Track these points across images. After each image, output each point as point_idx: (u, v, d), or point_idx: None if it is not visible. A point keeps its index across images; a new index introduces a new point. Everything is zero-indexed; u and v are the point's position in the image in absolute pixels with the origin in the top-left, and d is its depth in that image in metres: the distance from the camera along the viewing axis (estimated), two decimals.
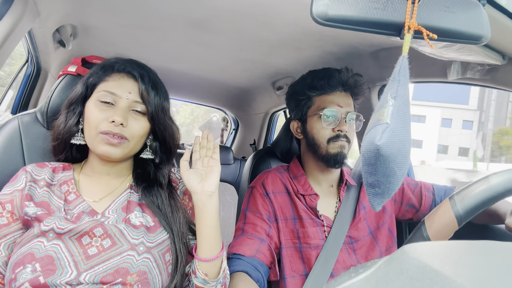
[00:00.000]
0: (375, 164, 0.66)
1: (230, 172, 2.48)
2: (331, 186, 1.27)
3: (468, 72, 1.23)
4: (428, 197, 1.30)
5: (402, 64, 0.68)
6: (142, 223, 0.90)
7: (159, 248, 0.88)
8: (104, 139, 0.87)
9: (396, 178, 0.68)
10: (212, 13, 1.31)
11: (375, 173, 0.68)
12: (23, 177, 0.90)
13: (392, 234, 1.27)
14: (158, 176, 1.00)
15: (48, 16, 1.30)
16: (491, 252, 0.35)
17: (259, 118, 2.81)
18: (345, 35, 1.38)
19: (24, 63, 1.97)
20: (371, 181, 0.70)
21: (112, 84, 0.92)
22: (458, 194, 0.89)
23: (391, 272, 0.32)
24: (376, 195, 0.71)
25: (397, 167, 0.66)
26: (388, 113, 0.65)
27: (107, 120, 0.88)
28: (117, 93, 0.90)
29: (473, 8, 0.71)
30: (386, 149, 0.64)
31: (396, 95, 0.66)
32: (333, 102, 1.19)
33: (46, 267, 0.77)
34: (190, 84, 2.49)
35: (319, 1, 0.63)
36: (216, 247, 0.90)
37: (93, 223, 0.85)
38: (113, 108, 0.90)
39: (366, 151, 0.67)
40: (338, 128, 1.17)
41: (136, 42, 1.72)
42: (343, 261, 1.15)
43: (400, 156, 0.65)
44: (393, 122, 0.64)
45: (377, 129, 0.65)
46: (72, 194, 0.91)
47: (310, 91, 1.23)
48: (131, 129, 0.90)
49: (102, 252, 0.82)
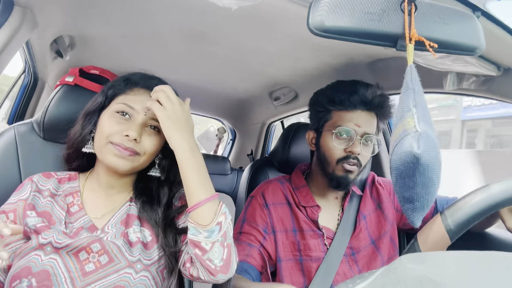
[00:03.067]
0: (413, 175, 0.63)
1: (227, 182, 2.47)
2: (336, 198, 1.25)
3: (464, 83, 1.23)
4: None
5: (412, 74, 0.67)
6: (140, 238, 0.88)
7: (157, 266, 0.87)
8: (114, 149, 0.86)
9: (434, 188, 0.65)
10: (210, 24, 1.31)
11: (414, 186, 0.64)
12: (28, 187, 0.90)
13: (394, 243, 1.25)
14: (159, 193, 0.97)
15: (46, 27, 1.31)
16: (488, 262, 0.35)
17: (256, 128, 2.82)
18: (341, 46, 1.39)
19: (21, 73, 1.97)
20: (408, 195, 0.66)
21: (132, 98, 0.90)
22: (449, 209, 0.90)
23: (389, 283, 0.32)
24: (415, 210, 0.67)
25: (435, 175, 0.64)
26: (415, 121, 0.63)
27: (121, 133, 0.86)
28: (136, 107, 0.89)
29: (467, 20, 0.72)
30: (426, 157, 0.61)
31: (416, 103, 0.65)
32: (351, 121, 1.11)
33: (42, 282, 0.76)
34: (188, 94, 2.46)
35: (316, 12, 0.64)
36: (200, 191, 0.84)
37: (90, 238, 0.83)
38: (129, 122, 0.89)
39: (402, 163, 0.63)
40: (350, 149, 1.10)
41: (134, 53, 1.73)
42: (343, 273, 1.13)
43: (437, 164, 0.63)
44: (423, 129, 0.62)
45: (409, 139, 0.62)
46: (75, 206, 0.91)
47: (329, 105, 1.15)
48: (144, 144, 0.89)
49: (100, 268, 0.81)
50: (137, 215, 0.93)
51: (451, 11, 0.71)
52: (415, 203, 0.66)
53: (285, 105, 2.24)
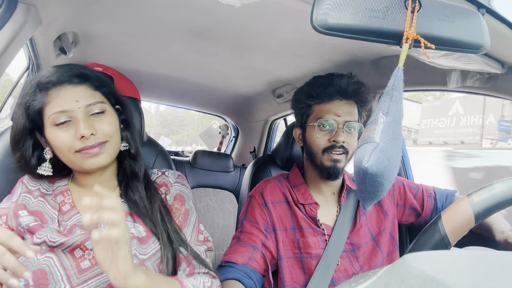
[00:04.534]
0: (364, 177, 0.71)
1: (230, 179, 2.47)
2: (333, 194, 1.26)
3: (468, 81, 1.23)
4: (430, 202, 1.29)
5: (397, 77, 0.70)
6: (134, 234, 0.87)
7: (153, 260, 0.86)
8: (84, 154, 0.84)
9: (383, 188, 0.73)
10: (213, 21, 1.31)
11: (364, 183, 0.72)
12: (19, 189, 0.90)
13: (393, 239, 1.26)
14: (134, 169, 0.96)
15: (50, 24, 1.31)
16: (492, 262, 0.35)
17: (259, 125, 2.82)
18: (345, 43, 1.38)
19: (24, 70, 1.98)
20: (360, 188, 0.75)
21: (56, 102, 0.84)
22: (477, 193, 0.91)
23: (392, 282, 0.32)
24: (365, 199, 0.77)
25: (384, 180, 0.71)
26: (378, 131, 0.68)
27: (76, 138, 0.83)
28: (66, 108, 0.83)
29: (472, 17, 0.72)
30: (374, 168, 0.68)
31: (388, 111, 0.69)
32: (331, 111, 1.16)
33: (39, 281, 0.77)
34: (190, 91, 2.49)
35: (319, 10, 0.64)
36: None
37: (84, 236, 0.83)
38: (73, 123, 0.84)
39: (355, 166, 0.71)
40: (334, 138, 1.14)
41: (137, 50, 1.73)
42: (344, 269, 1.14)
43: (387, 172, 0.70)
44: (383, 141, 0.68)
45: (366, 148, 0.69)
46: (67, 204, 0.90)
47: (308, 100, 1.20)
48: (102, 131, 0.86)
49: (95, 265, 0.81)
50: (129, 212, 0.91)
51: (456, 8, 0.70)
52: (366, 194, 0.75)
53: (288, 102, 2.23)
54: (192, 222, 0.97)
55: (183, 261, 0.89)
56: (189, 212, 0.97)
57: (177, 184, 1.01)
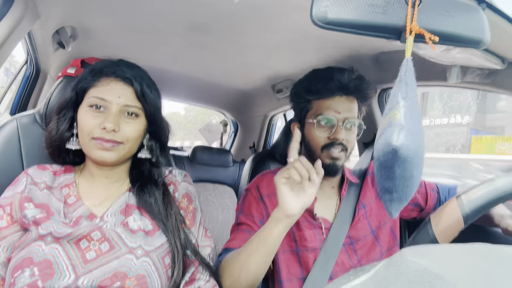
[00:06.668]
0: (392, 167, 0.66)
1: (229, 174, 2.48)
2: (332, 188, 1.25)
3: (468, 76, 1.22)
4: (433, 196, 1.29)
5: (408, 67, 0.69)
6: (141, 227, 0.89)
7: (158, 252, 0.87)
8: (98, 144, 0.87)
9: (413, 181, 0.68)
10: (212, 15, 1.31)
11: (393, 177, 0.67)
12: (23, 180, 0.90)
13: (394, 235, 1.25)
14: (153, 174, 0.99)
15: (48, 18, 1.30)
16: (490, 256, 0.35)
17: (258, 120, 2.81)
18: (345, 38, 1.38)
19: (23, 64, 1.97)
20: (387, 186, 0.69)
21: (102, 89, 0.90)
22: (466, 194, 0.90)
23: (390, 276, 0.32)
24: (393, 201, 0.71)
25: (414, 169, 0.66)
26: (401, 114, 0.65)
27: (99, 127, 0.87)
28: (107, 98, 0.89)
29: (473, 12, 0.72)
30: (404, 150, 0.63)
31: (406, 96, 0.66)
32: (330, 108, 1.13)
33: (44, 271, 0.77)
34: (189, 86, 2.48)
35: (319, 4, 0.63)
36: None
37: (90, 227, 0.84)
38: (104, 113, 0.89)
39: (382, 154, 0.66)
40: (333, 136, 1.11)
41: (136, 44, 1.72)
42: (342, 263, 1.13)
43: (417, 158, 0.65)
44: (407, 122, 0.64)
45: (392, 131, 0.64)
46: (72, 197, 0.91)
47: (307, 95, 1.17)
48: (124, 133, 0.89)
49: (101, 256, 0.82)
50: (136, 205, 0.93)
51: (456, 3, 0.70)
52: (394, 194, 0.68)
53: (288, 97, 2.23)
54: (200, 220, 1.01)
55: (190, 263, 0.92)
56: (196, 211, 1.02)
57: (185, 183, 1.04)
